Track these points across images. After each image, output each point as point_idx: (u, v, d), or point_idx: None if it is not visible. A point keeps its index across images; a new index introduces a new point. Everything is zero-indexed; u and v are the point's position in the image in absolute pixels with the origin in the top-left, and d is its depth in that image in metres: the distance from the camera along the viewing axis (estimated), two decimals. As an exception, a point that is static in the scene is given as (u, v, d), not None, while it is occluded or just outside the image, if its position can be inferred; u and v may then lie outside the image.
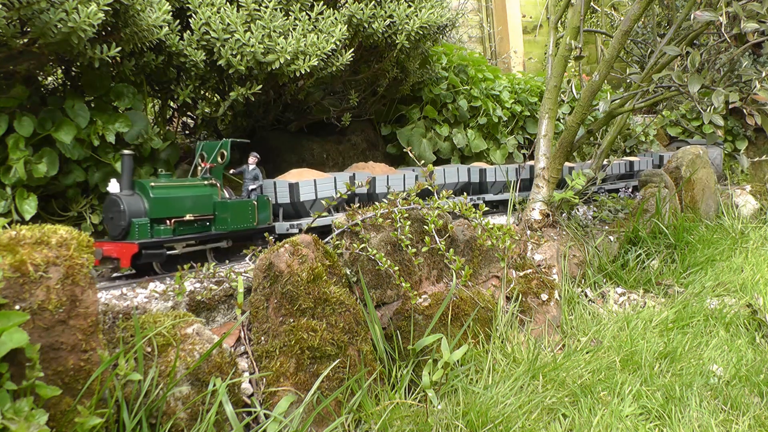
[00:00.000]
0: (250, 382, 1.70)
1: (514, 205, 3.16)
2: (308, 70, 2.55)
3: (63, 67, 2.49)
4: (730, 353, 2.26)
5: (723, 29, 2.45)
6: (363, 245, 2.00)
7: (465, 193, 3.31)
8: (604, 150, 3.53)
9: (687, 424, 1.82)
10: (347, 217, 2.07)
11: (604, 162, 3.68)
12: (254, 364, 1.74)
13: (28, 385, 1.25)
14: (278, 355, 1.71)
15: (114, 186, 1.96)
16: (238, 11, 2.45)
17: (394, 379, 1.92)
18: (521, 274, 2.48)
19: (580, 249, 2.95)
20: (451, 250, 2.17)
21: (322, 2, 2.66)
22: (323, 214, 2.32)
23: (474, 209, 2.31)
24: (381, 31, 2.90)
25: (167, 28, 2.35)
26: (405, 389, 1.88)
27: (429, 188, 2.34)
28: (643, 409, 1.89)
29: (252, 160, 2.29)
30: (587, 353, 2.20)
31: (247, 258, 2.14)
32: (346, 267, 2.00)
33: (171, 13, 2.38)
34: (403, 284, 2.02)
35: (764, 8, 2.35)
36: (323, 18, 2.65)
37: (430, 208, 2.20)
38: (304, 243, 1.82)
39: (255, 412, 1.64)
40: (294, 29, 2.54)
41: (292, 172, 2.53)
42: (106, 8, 1.99)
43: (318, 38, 2.55)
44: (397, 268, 2.04)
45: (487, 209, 2.42)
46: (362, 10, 2.81)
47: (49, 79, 2.66)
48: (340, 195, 2.25)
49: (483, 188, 3.44)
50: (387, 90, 3.52)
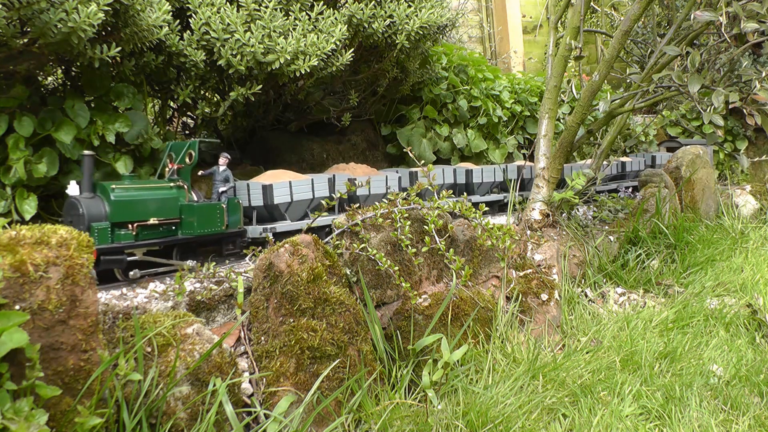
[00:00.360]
0: (250, 382, 1.70)
1: (514, 205, 3.16)
2: (308, 70, 2.55)
3: (63, 67, 2.49)
4: (730, 353, 2.26)
5: (723, 29, 2.45)
6: (363, 245, 2.00)
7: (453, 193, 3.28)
8: (604, 150, 3.53)
9: (687, 424, 1.82)
10: (347, 217, 2.07)
11: (604, 162, 3.69)
12: (254, 364, 1.74)
13: (28, 385, 1.25)
14: (278, 355, 1.71)
15: (73, 188, 1.86)
16: (238, 11, 2.45)
17: (394, 379, 1.92)
18: (521, 274, 2.48)
19: (580, 249, 2.95)
20: (451, 250, 2.17)
21: (322, 2, 2.66)
22: (323, 215, 2.32)
23: (474, 209, 2.31)
24: (381, 31, 2.90)
25: (167, 28, 2.35)
26: (405, 389, 1.88)
27: (419, 189, 2.36)
28: (643, 409, 1.89)
29: (223, 161, 2.20)
30: (587, 353, 2.20)
31: (247, 258, 2.14)
32: (346, 267, 2.00)
33: (171, 13, 2.38)
34: (403, 284, 2.02)
35: (764, 8, 2.35)
36: (323, 18, 2.65)
37: (430, 208, 2.20)
38: (304, 243, 1.82)
39: (255, 412, 1.64)
40: (294, 29, 2.54)
41: (267, 174, 2.44)
42: (106, 8, 1.99)
43: (318, 38, 2.55)
44: (397, 268, 2.04)
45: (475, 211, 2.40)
46: (362, 10, 2.81)
47: (49, 79, 2.66)
48: (340, 195, 2.25)
49: (469, 189, 3.38)
50: (387, 90, 3.52)
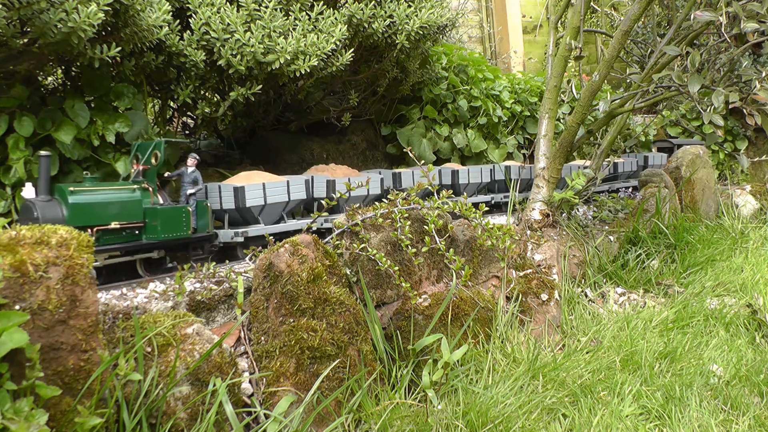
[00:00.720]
0: (250, 382, 1.70)
1: (514, 205, 3.16)
2: (308, 70, 2.55)
3: (63, 67, 2.49)
4: (730, 353, 2.26)
5: (723, 29, 2.45)
6: (363, 245, 2.00)
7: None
8: (604, 150, 3.53)
9: (687, 424, 1.82)
10: (347, 217, 2.07)
11: (604, 162, 3.68)
12: (254, 364, 1.74)
13: (28, 385, 1.25)
14: (278, 355, 1.71)
15: (29, 191, 1.76)
16: (238, 11, 2.45)
17: (394, 379, 1.92)
18: (521, 274, 2.48)
19: (580, 249, 2.95)
20: (451, 250, 2.17)
21: (322, 2, 2.66)
22: (322, 215, 2.32)
23: (474, 209, 2.31)
24: (381, 31, 2.90)
25: (167, 28, 2.35)
26: (405, 389, 1.88)
27: (419, 189, 2.35)
28: (643, 409, 1.89)
29: (191, 161, 2.11)
30: (587, 353, 2.20)
31: (247, 258, 2.14)
32: (346, 267, 2.00)
33: (171, 13, 2.38)
34: (403, 284, 2.02)
35: (764, 8, 2.35)
36: (323, 18, 2.65)
37: (430, 208, 2.20)
38: (304, 243, 1.82)
39: (255, 412, 1.64)
40: (294, 29, 2.54)
41: (240, 175, 2.36)
42: (106, 8, 1.99)
43: (318, 38, 2.55)
44: (397, 268, 2.04)
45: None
46: (362, 10, 2.81)
47: (49, 79, 2.66)
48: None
49: (456, 190, 3.31)
50: (387, 90, 3.52)
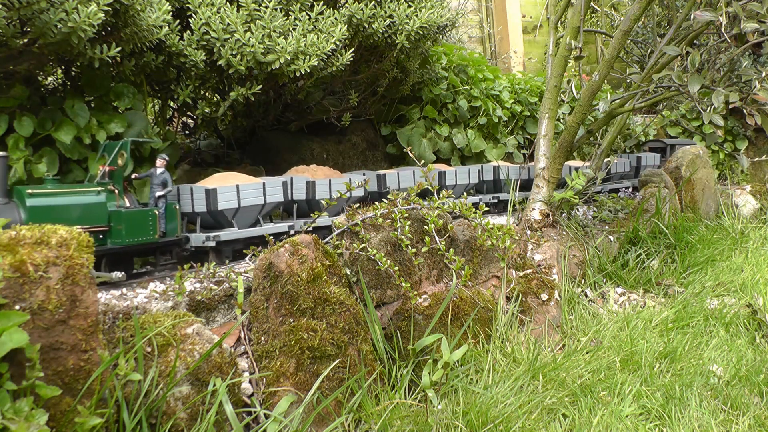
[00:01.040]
0: (250, 382, 1.70)
1: (514, 205, 3.16)
2: (308, 70, 2.55)
3: (63, 67, 2.49)
4: (730, 353, 2.26)
5: (723, 29, 2.45)
6: (363, 245, 2.00)
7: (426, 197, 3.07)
8: (604, 150, 3.53)
9: (687, 424, 1.82)
10: (347, 217, 2.07)
11: (604, 162, 3.68)
12: (254, 364, 1.74)
13: (28, 385, 1.25)
14: (278, 355, 1.71)
15: None
16: (238, 11, 2.45)
17: (394, 379, 1.92)
18: (521, 274, 2.48)
19: (580, 249, 2.95)
20: (451, 250, 2.17)
21: (322, 2, 2.66)
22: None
23: (474, 209, 2.31)
24: (381, 31, 2.90)
25: (167, 28, 2.35)
26: (405, 389, 1.88)
27: (419, 189, 2.34)
28: (643, 409, 1.89)
29: (160, 162, 2.05)
30: (587, 353, 2.20)
31: (247, 258, 2.14)
32: (346, 267, 2.00)
33: (171, 13, 2.38)
34: (403, 284, 2.02)
35: (764, 8, 2.35)
36: (323, 18, 2.65)
37: (430, 208, 2.20)
38: (304, 243, 1.82)
39: (255, 412, 1.64)
40: (294, 29, 2.54)
41: (215, 177, 2.28)
42: (106, 8, 1.99)
43: (318, 38, 2.55)
44: (397, 268, 2.04)
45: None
46: (362, 10, 2.81)
47: (49, 79, 2.66)
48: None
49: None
50: (387, 90, 3.52)
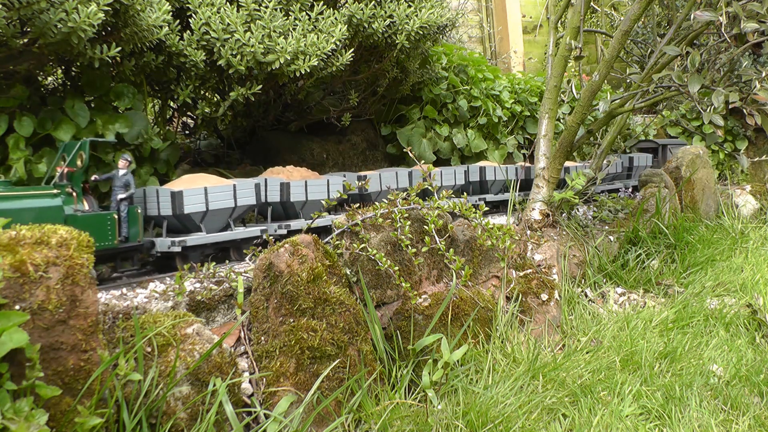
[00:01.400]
0: (250, 382, 1.70)
1: (514, 205, 3.16)
2: (308, 70, 2.55)
3: (63, 67, 2.49)
4: (730, 353, 2.26)
5: (723, 29, 2.45)
6: (363, 245, 2.00)
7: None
8: (604, 150, 3.53)
9: (687, 424, 1.82)
10: (347, 217, 2.07)
11: (604, 162, 3.68)
12: (254, 364, 1.74)
13: (28, 385, 1.25)
14: (278, 355, 1.71)
15: None
16: (238, 11, 2.45)
17: (394, 379, 1.92)
18: (521, 274, 2.48)
19: (580, 249, 2.95)
20: (451, 250, 2.17)
21: (322, 2, 2.67)
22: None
23: (474, 209, 2.31)
24: (381, 31, 2.90)
25: (167, 28, 2.35)
26: (405, 389, 1.88)
27: (419, 189, 2.34)
28: (643, 409, 1.89)
29: (122, 163, 1.97)
30: (587, 353, 2.20)
31: (247, 258, 2.14)
32: (346, 267, 2.00)
33: (171, 13, 2.38)
34: (403, 284, 2.02)
35: (764, 8, 2.35)
36: (323, 18, 2.65)
37: (430, 208, 2.20)
38: (304, 243, 1.82)
39: (255, 412, 1.64)
40: (294, 29, 2.54)
41: (183, 178, 2.19)
42: (106, 8, 1.99)
43: (318, 38, 2.55)
44: (397, 268, 2.04)
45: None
46: (362, 10, 2.81)
47: (49, 79, 2.66)
48: (333, 200, 2.25)
49: (426, 194, 3.02)
50: (387, 90, 3.52)
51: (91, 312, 1.40)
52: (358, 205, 2.62)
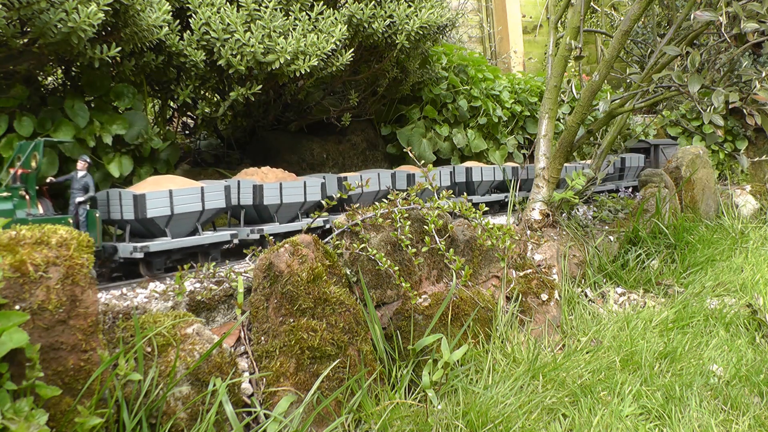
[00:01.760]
0: (250, 382, 1.71)
1: (514, 205, 3.16)
2: (308, 70, 2.55)
3: (63, 67, 2.49)
4: (730, 353, 2.26)
5: (723, 29, 2.45)
6: (363, 245, 2.00)
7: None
8: (604, 150, 3.53)
9: (687, 424, 1.82)
10: (347, 217, 2.07)
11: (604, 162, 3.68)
12: (254, 364, 1.74)
13: (28, 385, 1.25)
14: (278, 355, 1.71)
15: None
16: (238, 11, 2.45)
17: (394, 379, 1.92)
18: (521, 274, 2.48)
19: (580, 249, 2.95)
20: (451, 250, 2.17)
21: (322, 2, 2.67)
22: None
23: (474, 209, 2.31)
24: (381, 31, 2.90)
25: (167, 28, 2.35)
26: (405, 389, 1.88)
27: (419, 189, 2.34)
28: (643, 409, 1.89)
29: (81, 164, 1.87)
30: (587, 353, 2.20)
31: (247, 258, 2.14)
32: (346, 267, 2.00)
33: (171, 13, 2.38)
34: (403, 284, 2.03)
35: (764, 8, 2.35)
36: (323, 18, 2.65)
37: (430, 208, 2.20)
38: (304, 243, 1.82)
39: (255, 412, 1.64)
40: (294, 29, 2.54)
41: (148, 181, 2.09)
42: (106, 8, 1.99)
43: (318, 38, 2.55)
44: (397, 268, 2.04)
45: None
46: (362, 10, 2.81)
47: (49, 79, 2.66)
48: (334, 200, 2.25)
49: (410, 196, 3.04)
50: (387, 90, 3.52)
51: (91, 312, 1.40)
52: (335, 204, 2.54)
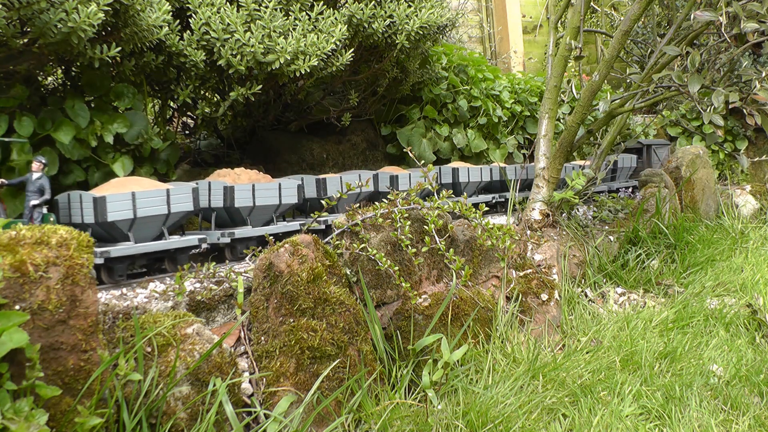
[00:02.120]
0: (250, 382, 1.71)
1: (514, 205, 3.16)
2: (308, 70, 2.55)
3: (63, 67, 2.49)
4: (730, 353, 2.26)
5: (723, 29, 2.45)
6: (363, 245, 2.01)
7: (374, 202, 2.62)
8: (604, 150, 3.53)
9: (687, 424, 1.82)
10: (347, 217, 2.07)
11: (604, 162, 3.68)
12: (254, 364, 1.74)
13: (28, 385, 1.25)
14: (278, 355, 1.71)
15: None
16: (238, 11, 2.45)
17: (394, 379, 1.92)
18: (521, 274, 2.48)
19: (580, 249, 2.95)
20: (451, 250, 2.17)
21: (322, 2, 2.67)
22: (320, 218, 2.31)
23: (474, 209, 2.31)
24: (381, 31, 2.90)
25: (167, 28, 2.35)
26: (405, 389, 1.88)
27: (420, 189, 2.34)
28: (643, 409, 1.89)
29: (36, 166, 1.81)
30: (587, 353, 2.20)
31: (247, 258, 2.14)
32: (346, 267, 2.00)
33: (171, 13, 2.38)
34: (403, 284, 2.03)
35: (764, 8, 2.35)
36: (323, 18, 2.65)
37: (430, 208, 2.20)
38: (304, 243, 1.82)
39: (255, 412, 1.64)
40: (294, 29, 2.54)
41: (113, 182, 2.00)
42: (106, 8, 1.99)
43: (318, 38, 2.55)
44: (397, 268, 2.04)
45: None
46: (362, 10, 2.81)
47: (49, 79, 2.66)
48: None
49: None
50: (387, 90, 3.52)
51: (91, 312, 1.40)
52: (307, 206, 2.50)
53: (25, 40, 2.01)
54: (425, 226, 2.19)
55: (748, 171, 5.23)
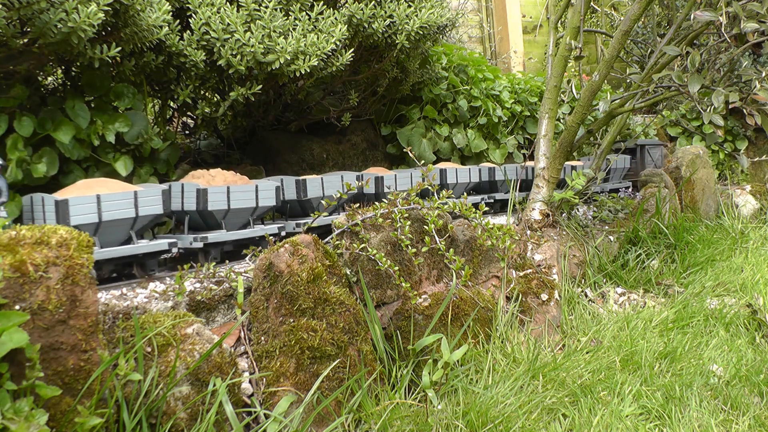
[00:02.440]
0: (250, 382, 1.71)
1: (514, 205, 3.16)
2: (308, 70, 2.55)
3: (63, 67, 2.49)
4: (730, 353, 2.26)
5: (723, 29, 2.45)
6: (363, 245, 2.01)
7: (360, 203, 2.53)
8: (604, 150, 3.53)
9: (687, 424, 1.82)
10: (347, 217, 2.07)
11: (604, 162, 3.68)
12: (254, 364, 1.74)
13: (28, 385, 1.25)
14: (278, 355, 1.71)
15: None
16: (238, 11, 2.45)
17: (394, 379, 1.92)
18: (521, 274, 2.48)
19: (580, 249, 2.95)
20: (451, 250, 2.17)
21: (322, 2, 2.67)
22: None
23: (474, 209, 2.31)
24: (381, 31, 2.90)
25: (167, 28, 2.35)
26: (405, 389, 1.88)
27: (419, 189, 2.34)
28: (643, 409, 1.89)
29: None
30: (587, 353, 2.20)
31: (247, 258, 2.14)
32: (346, 267, 2.00)
33: (171, 13, 2.38)
34: (403, 284, 2.03)
35: (764, 8, 2.35)
36: (323, 18, 2.65)
37: (430, 208, 2.20)
38: (304, 243, 1.82)
39: (255, 412, 1.64)
40: (294, 29, 2.54)
41: (79, 184, 1.92)
42: (106, 8, 1.99)
43: (318, 38, 2.55)
44: (397, 268, 2.04)
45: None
46: (362, 10, 2.81)
47: (49, 79, 2.66)
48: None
49: (378, 199, 2.77)
50: (387, 90, 3.52)
51: (91, 312, 1.40)
52: (287, 209, 2.45)
53: (25, 40, 2.01)
54: (425, 226, 2.19)
55: (748, 171, 5.23)
